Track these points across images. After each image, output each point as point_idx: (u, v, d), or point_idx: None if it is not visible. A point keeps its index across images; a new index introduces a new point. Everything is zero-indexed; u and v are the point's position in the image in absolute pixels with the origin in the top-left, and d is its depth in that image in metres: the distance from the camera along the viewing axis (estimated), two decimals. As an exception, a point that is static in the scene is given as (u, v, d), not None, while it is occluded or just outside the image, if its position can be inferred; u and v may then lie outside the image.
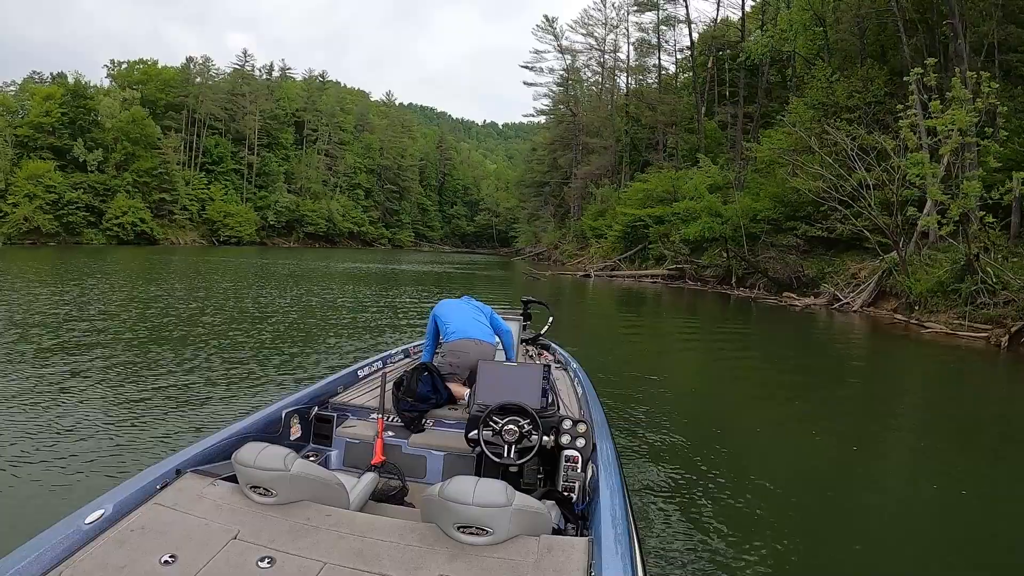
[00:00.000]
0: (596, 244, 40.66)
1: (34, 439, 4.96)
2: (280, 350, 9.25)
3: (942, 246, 17.25)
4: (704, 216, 27.59)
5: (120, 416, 5.68)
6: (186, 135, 63.13)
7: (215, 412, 5.97)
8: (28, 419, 5.44)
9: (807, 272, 22.03)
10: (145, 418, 5.66)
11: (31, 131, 47.93)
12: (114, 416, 5.67)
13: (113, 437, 5.13)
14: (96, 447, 4.89)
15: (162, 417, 5.72)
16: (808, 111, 24.58)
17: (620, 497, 2.32)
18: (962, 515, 4.45)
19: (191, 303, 14.51)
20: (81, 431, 5.22)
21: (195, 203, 60.06)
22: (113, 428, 5.35)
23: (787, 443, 6.13)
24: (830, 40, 28.29)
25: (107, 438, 5.10)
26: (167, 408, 6.01)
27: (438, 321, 4.42)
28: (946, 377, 10.69)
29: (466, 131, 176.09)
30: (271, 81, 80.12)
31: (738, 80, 37.77)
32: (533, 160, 68.33)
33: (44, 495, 4.04)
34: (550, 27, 55.66)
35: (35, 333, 9.57)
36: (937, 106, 15.63)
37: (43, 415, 5.56)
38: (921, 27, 23.11)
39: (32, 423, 5.34)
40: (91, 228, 48.42)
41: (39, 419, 5.45)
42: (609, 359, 9.99)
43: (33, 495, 4.04)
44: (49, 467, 4.46)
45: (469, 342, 4.13)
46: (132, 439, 5.12)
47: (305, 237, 72.54)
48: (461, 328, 4.22)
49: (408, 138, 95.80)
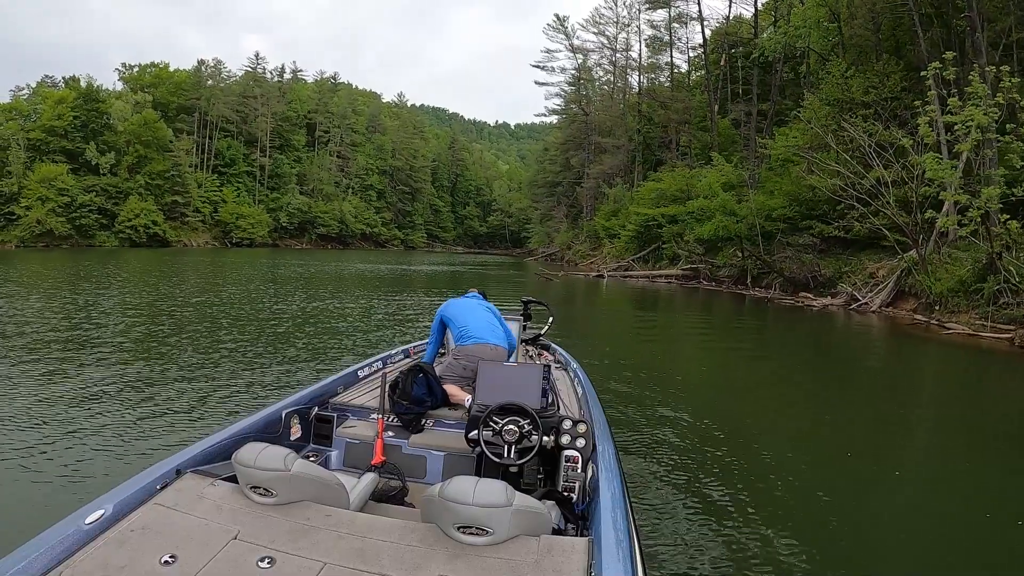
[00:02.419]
0: (609, 244, 40.59)
1: (34, 439, 4.98)
2: (285, 353, 9.24)
3: (962, 244, 16.93)
4: (718, 215, 27.35)
5: (120, 416, 5.70)
6: (198, 137, 63.83)
7: (214, 413, 5.98)
8: (28, 419, 5.47)
9: (824, 272, 21.71)
10: (146, 418, 5.68)
11: (44, 134, 48.60)
12: (114, 416, 5.69)
13: (113, 437, 5.14)
14: (96, 447, 4.90)
15: (162, 417, 5.73)
16: (823, 107, 24.28)
17: (620, 497, 2.32)
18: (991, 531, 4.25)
19: (200, 304, 14.61)
20: (81, 431, 5.24)
21: (207, 205, 60.66)
22: (113, 428, 5.36)
23: (795, 447, 5.97)
24: (844, 35, 27.96)
25: (107, 438, 5.11)
26: (167, 408, 6.02)
27: (449, 323, 4.35)
28: (968, 380, 10.43)
29: (478, 132, 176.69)
30: (283, 83, 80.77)
31: (751, 77, 37.51)
32: (545, 160, 68.33)
33: (44, 495, 4.04)
34: (561, 26, 55.79)
35: (38, 334, 9.65)
36: (956, 102, 15.36)
37: (43, 416, 5.58)
38: (937, 21, 22.80)
39: (32, 424, 5.36)
40: (104, 231, 49.10)
41: (40, 420, 5.47)
42: (619, 359, 9.91)
43: (33, 495, 4.04)
44: (49, 467, 4.47)
45: (486, 347, 4.07)
46: (132, 439, 5.13)
47: (317, 238, 73.04)
48: (479, 333, 4.15)
49: (420, 139, 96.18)
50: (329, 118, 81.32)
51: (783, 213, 24.74)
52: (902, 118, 20.63)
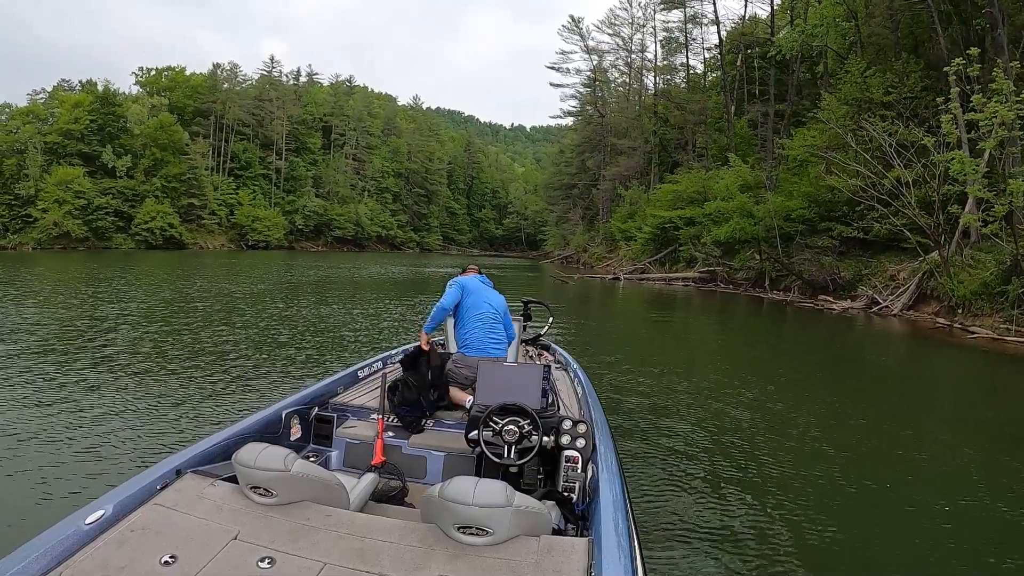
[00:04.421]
0: (625, 247, 40.46)
1: (34, 440, 5.01)
2: (286, 353, 9.25)
3: (985, 246, 16.63)
4: (735, 217, 27.07)
5: (120, 416, 5.74)
6: (214, 140, 64.32)
7: (215, 413, 5.99)
8: (29, 419, 5.51)
9: (843, 274, 21.40)
10: (146, 418, 5.71)
11: (60, 138, 49.05)
12: (114, 416, 5.73)
13: (114, 437, 5.17)
14: (97, 447, 4.93)
15: (163, 417, 5.76)
16: (842, 107, 23.97)
17: (620, 497, 2.32)
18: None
19: (208, 305, 14.76)
20: (81, 431, 5.28)
21: (223, 208, 60.97)
22: (113, 429, 5.39)
23: (804, 453, 5.79)
24: (862, 34, 27.60)
25: (107, 439, 5.13)
26: (168, 408, 6.05)
27: (460, 304, 4.39)
28: (993, 386, 10.16)
29: (494, 135, 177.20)
30: (298, 86, 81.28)
31: (768, 78, 37.16)
32: (561, 162, 68.13)
33: (44, 495, 4.06)
34: (576, 27, 55.67)
35: (41, 334, 9.76)
36: (979, 99, 15.09)
37: (43, 416, 5.62)
38: (956, 18, 22.43)
39: (32, 424, 5.39)
40: (120, 233, 49.49)
41: (40, 420, 5.51)
42: (631, 362, 9.82)
43: (33, 495, 4.06)
44: (50, 467, 4.49)
45: (488, 360, 4.10)
46: (132, 439, 5.15)
47: (333, 241, 73.39)
48: (481, 346, 4.25)
49: (436, 142, 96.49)
50: (345, 121, 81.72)
51: (801, 214, 24.43)
52: (922, 117, 20.33)
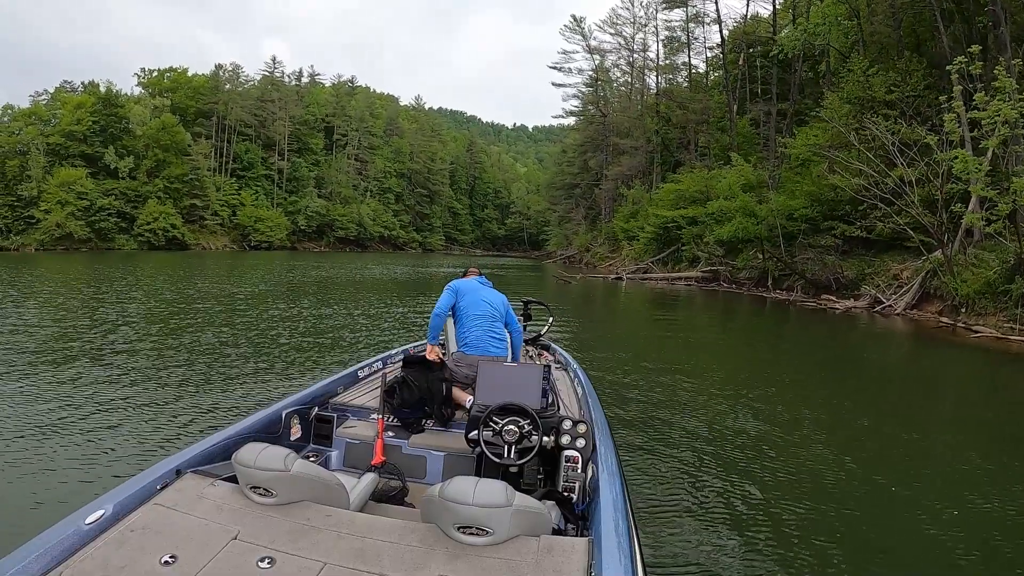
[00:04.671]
0: (628, 246, 40.40)
1: (34, 439, 5.02)
2: (287, 354, 9.25)
3: (988, 244, 16.57)
4: (738, 216, 26.97)
5: (120, 416, 5.75)
6: (216, 141, 64.36)
7: (215, 413, 5.99)
8: (29, 419, 5.52)
9: (846, 273, 21.34)
10: (146, 418, 5.71)
11: (63, 139, 49.16)
12: (115, 416, 5.74)
13: (114, 437, 5.17)
14: (97, 447, 4.94)
15: (163, 417, 5.76)
16: (844, 106, 23.89)
17: (620, 497, 2.32)
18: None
19: (209, 306, 14.77)
20: (81, 431, 5.28)
21: (226, 208, 60.97)
22: (113, 428, 5.39)
23: (805, 452, 5.73)
24: (864, 32, 27.53)
25: (107, 439, 5.13)
26: (168, 408, 6.05)
27: (456, 307, 4.33)
28: (996, 385, 10.10)
29: (496, 135, 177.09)
30: (300, 87, 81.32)
31: (770, 77, 37.12)
32: (563, 162, 68.08)
33: (44, 495, 4.06)
34: (578, 27, 55.61)
35: (42, 335, 9.80)
36: (982, 98, 15.03)
37: (43, 416, 5.63)
38: (958, 17, 22.36)
39: (33, 424, 5.40)
40: (123, 234, 49.60)
41: (40, 420, 5.52)
42: (632, 361, 9.80)
43: (33, 495, 4.06)
44: (50, 467, 4.50)
45: (488, 359, 4.11)
46: (132, 439, 5.16)
47: (336, 241, 73.42)
48: (481, 345, 4.22)
49: (438, 142, 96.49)
50: (347, 121, 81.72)
51: (804, 214, 24.34)
52: (925, 115, 20.26)
